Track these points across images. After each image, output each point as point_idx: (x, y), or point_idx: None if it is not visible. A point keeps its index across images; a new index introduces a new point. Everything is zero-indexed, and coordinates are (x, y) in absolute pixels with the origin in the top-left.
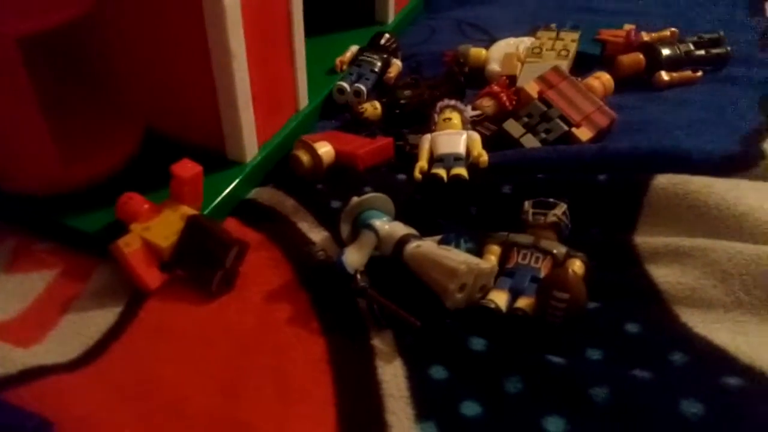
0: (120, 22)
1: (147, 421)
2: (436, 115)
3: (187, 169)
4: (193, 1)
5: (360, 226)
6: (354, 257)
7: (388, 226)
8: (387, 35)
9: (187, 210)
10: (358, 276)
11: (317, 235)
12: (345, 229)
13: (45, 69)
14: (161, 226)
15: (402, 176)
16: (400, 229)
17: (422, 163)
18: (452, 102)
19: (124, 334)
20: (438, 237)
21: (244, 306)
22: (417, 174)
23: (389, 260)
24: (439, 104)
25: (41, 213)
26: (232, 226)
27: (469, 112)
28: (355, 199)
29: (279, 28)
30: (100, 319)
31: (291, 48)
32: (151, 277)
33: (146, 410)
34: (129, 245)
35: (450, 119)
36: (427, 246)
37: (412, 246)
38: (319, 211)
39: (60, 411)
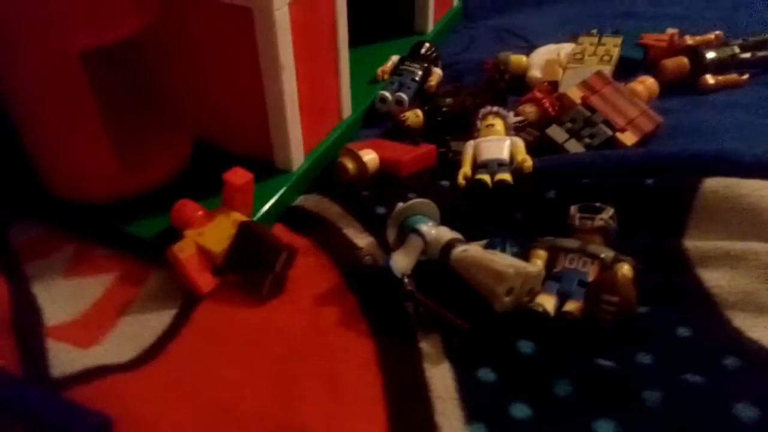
0: (174, 36)
1: (202, 420)
2: (478, 122)
3: (238, 176)
4: (244, 15)
5: (406, 231)
6: (402, 261)
7: (434, 230)
8: (427, 44)
9: (239, 216)
10: (406, 280)
11: (363, 240)
12: (391, 234)
13: (105, 80)
14: (214, 232)
15: (445, 182)
16: (446, 233)
17: (466, 169)
18: (495, 108)
19: (179, 336)
20: (483, 242)
21: (295, 309)
22: (461, 180)
23: (436, 265)
24: (482, 111)
25: (100, 220)
26: (280, 232)
27: (512, 118)
28: (400, 204)
29: (325, 40)
30: (156, 321)
31: (336, 59)
32: (205, 281)
33: (201, 410)
34: (183, 250)
35: (493, 125)
36: (474, 250)
37: (458, 250)
38: (364, 217)
39: (119, 409)
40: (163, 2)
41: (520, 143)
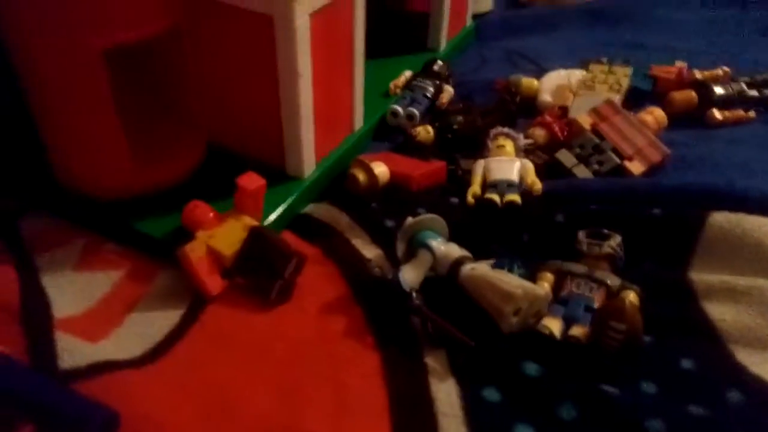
0: (195, 39)
1: (206, 422)
2: (489, 142)
3: (252, 181)
4: (265, 23)
5: (416, 245)
6: (411, 275)
7: (444, 247)
8: (440, 62)
9: (250, 221)
10: (414, 294)
11: (370, 252)
12: (400, 248)
13: (125, 79)
14: (225, 235)
15: (455, 200)
16: (455, 250)
17: (475, 187)
18: (506, 129)
19: (186, 337)
20: (491, 261)
21: (301, 316)
22: (470, 198)
23: (443, 281)
24: (493, 131)
25: (112, 216)
26: (289, 239)
27: (522, 140)
28: (411, 218)
29: (342, 51)
30: (163, 320)
31: (352, 71)
32: (214, 283)
33: (206, 411)
34: (195, 251)
35: (503, 146)
36: (483, 269)
37: (467, 268)
38: (373, 228)
39: (125, 405)
40: (187, 5)
41: (529, 165)
